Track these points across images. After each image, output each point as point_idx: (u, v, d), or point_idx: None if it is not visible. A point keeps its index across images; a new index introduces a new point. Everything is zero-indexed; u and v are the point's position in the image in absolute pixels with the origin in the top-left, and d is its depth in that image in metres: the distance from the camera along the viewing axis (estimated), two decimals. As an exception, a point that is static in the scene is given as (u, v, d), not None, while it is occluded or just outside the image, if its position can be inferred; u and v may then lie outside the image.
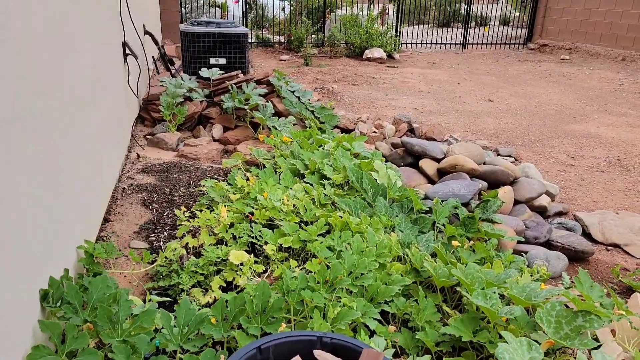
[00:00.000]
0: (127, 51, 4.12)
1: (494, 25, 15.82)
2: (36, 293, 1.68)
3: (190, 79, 5.25)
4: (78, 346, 1.65)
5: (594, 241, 3.29)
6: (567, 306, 1.91)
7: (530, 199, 3.40)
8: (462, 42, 13.28)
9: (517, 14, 16.37)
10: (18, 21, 1.59)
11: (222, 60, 5.66)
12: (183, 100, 5.00)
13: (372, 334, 2.00)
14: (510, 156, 4.83)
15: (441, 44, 13.40)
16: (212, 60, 5.64)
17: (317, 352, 1.38)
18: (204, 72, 5.21)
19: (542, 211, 3.51)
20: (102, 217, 2.97)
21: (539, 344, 1.79)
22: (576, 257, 3.00)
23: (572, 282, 2.36)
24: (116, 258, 2.68)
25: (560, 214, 3.60)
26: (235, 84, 5.09)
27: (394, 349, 1.94)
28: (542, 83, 9.06)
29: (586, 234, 3.34)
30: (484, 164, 3.62)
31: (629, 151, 5.27)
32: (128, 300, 1.87)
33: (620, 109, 7.24)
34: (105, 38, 3.31)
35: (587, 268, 2.98)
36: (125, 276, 2.52)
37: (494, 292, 1.94)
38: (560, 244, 3.01)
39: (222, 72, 5.37)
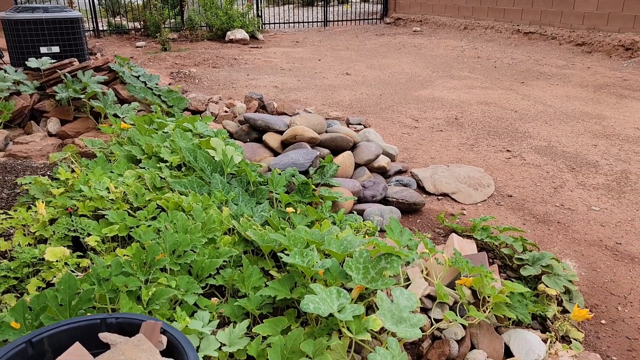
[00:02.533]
0: None
1: (355, 2, 16.36)
2: None
3: (16, 71, 4.75)
4: None
5: (428, 193, 3.56)
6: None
7: (369, 161, 3.57)
8: (323, 20, 13.57)
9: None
10: None
11: (55, 49, 5.19)
12: (9, 95, 4.51)
13: (197, 309, 1.97)
14: (360, 124, 5.05)
15: (304, 22, 13.58)
16: (44, 49, 5.15)
17: (102, 335, 1.31)
18: (32, 62, 4.74)
19: (382, 171, 3.72)
20: None
21: (351, 291, 1.89)
22: (409, 210, 3.23)
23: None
24: None
25: (400, 172, 3.84)
26: (69, 72, 4.70)
27: (219, 319, 1.94)
28: (396, 54, 9.58)
29: (421, 188, 3.60)
30: (326, 132, 3.73)
31: (465, 110, 5.78)
32: None
33: (461, 73, 7.90)
34: None
35: (419, 218, 3.22)
36: None
37: (312, 250, 2.00)
38: (394, 199, 3.21)
39: (55, 61, 4.92)
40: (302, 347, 1.64)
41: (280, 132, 3.67)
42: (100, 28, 11.27)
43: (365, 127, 5.06)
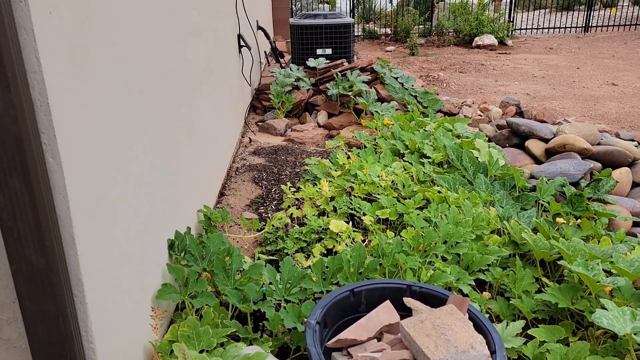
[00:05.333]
0: (242, 43, 4.46)
1: (624, 5, 14.38)
2: (165, 242, 1.96)
3: (298, 69, 5.53)
4: (198, 289, 1.90)
5: None
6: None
7: (651, 182, 3.14)
8: (584, 25, 12.28)
9: (653, -9, 14.69)
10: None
11: (328, 51, 5.86)
12: (291, 89, 5.28)
13: (465, 300, 2.03)
14: (633, 140, 4.45)
15: (560, 28, 12.51)
16: (319, 51, 5.87)
17: (406, 300, 1.47)
18: (311, 62, 5.45)
19: (666, 195, 3.22)
20: (218, 191, 3.29)
21: (646, 316, 1.70)
22: None
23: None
24: (230, 226, 2.97)
25: (689, 199, 3.27)
26: (340, 72, 5.26)
27: (488, 315, 1.96)
28: (680, 64, 8.12)
29: None
30: (599, 145, 3.41)
31: None
32: (239, 255, 2.10)
33: None
34: (222, 30, 3.64)
35: None
36: (237, 241, 2.80)
37: (597, 264, 1.87)
38: (685, 229, 2.76)
39: (328, 61, 5.57)
40: (589, 361, 1.56)
41: (545, 140, 3.49)
42: (356, 33, 12.28)
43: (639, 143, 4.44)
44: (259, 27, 6.30)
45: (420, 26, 12.00)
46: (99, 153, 1.29)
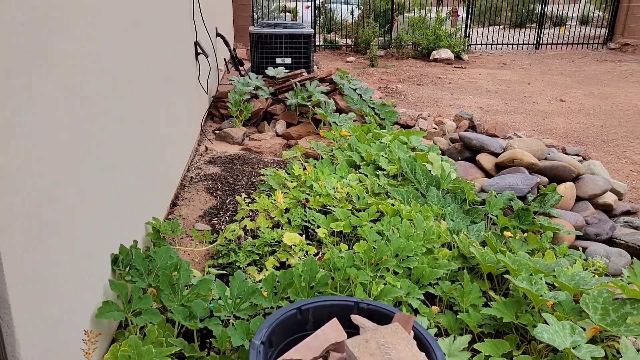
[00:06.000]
0: (199, 50, 4.40)
1: (572, 25, 15.08)
2: (108, 257, 1.89)
3: (257, 78, 5.49)
4: (142, 306, 1.84)
5: (665, 241, 3.11)
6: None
7: (593, 196, 3.28)
8: (535, 43, 12.79)
9: (599, 13, 15.52)
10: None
11: (288, 60, 5.86)
12: (250, 97, 5.23)
13: (415, 313, 2.05)
14: (578, 155, 4.64)
15: (513, 44, 12.97)
16: (279, 60, 5.86)
17: (353, 317, 1.46)
18: (270, 71, 5.43)
19: (607, 209, 3.37)
20: (170, 201, 3.21)
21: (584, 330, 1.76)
22: (642, 256, 2.87)
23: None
24: (181, 238, 2.90)
25: (628, 213, 3.43)
26: (299, 82, 5.27)
27: (437, 329, 1.98)
28: (622, 83, 8.56)
29: (656, 234, 3.17)
30: (546, 159, 3.53)
31: None
32: (188, 270, 2.04)
33: None
34: (177, 37, 3.58)
35: (653, 268, 2.83)
36: (188, 254, 2.73)
37: (541, 279, 1.93)
38: (624, 242, 2.89)
39: (288, 71, 5.56)
40: (530, 375, 1.60)
41: (495, 154, 3.59)
42: (317, 43, 12.35)
43: (584, 158, 4.64)
44: (218, 34, 6.23)
45: (380, 38, 12.19)
46: (35, 162, 1.23)
